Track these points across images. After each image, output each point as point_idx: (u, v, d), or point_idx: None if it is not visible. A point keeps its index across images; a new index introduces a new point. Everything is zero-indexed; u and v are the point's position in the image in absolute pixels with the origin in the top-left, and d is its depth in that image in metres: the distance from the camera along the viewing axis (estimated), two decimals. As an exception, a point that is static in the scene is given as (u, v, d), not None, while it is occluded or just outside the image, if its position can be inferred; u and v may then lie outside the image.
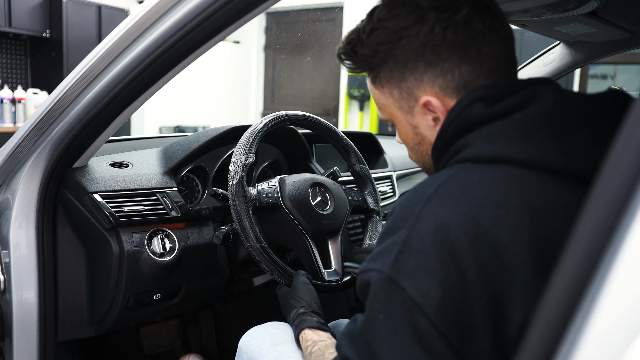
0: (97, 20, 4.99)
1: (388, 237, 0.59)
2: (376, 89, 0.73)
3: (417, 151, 0.76)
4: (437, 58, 0.65)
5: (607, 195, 0.35)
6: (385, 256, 0.58)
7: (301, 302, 0.98)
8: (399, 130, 0.76)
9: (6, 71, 4.78)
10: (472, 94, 0.65)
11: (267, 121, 1.17)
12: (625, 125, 0.35)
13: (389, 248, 0.58)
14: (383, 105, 0.74)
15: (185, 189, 1.32)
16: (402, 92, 0.70)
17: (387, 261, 0.57)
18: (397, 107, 0.72)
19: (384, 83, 0.71)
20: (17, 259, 1.05)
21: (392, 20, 0.67)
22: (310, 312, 0.96)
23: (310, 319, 0.94)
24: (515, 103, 0.62)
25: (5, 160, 1.10)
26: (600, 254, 0.34)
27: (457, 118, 0.65)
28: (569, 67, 1.55)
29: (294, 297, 1.00)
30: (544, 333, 0.36)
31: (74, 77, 0.96)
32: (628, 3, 1.17)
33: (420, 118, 0.71)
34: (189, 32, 0.79)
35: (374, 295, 0.58)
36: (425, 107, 0.69)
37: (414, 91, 0.69)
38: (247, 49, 6.39)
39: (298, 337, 0.93)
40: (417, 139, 0.73)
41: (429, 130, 0.71)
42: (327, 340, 0.89)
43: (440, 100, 0.67)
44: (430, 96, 0.67)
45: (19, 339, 1.05)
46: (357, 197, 1.30)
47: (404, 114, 0.72)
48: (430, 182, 0.61)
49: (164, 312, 1.24)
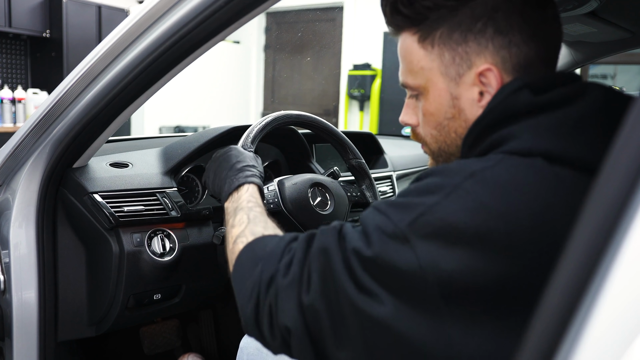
0: (97, 20, 4.99)
1: (416, 196, 0.55)
2: (422, 48, 0.64)
3: (443, 127, 0.66)
4: (509, 27, 0.59)
5: (607, 195, 0.35)
6: (405, 212, 0.53)
7: (238, 164, 0.87)
8: (428, 101, 0.66)
9: (6, 71, 4.78)
10: (520, 80, 0.59)
11: (266, 121, 1.17)
12: (626, 125, 0.35)
13: (413, 205, 0.53)
14: (422, 68, 0.65)
15: (185, 189, 1.32)
16: (455, 57, 0.62)
17: (406, 217, 0.53)
18: (440, 73, 0.63)
19: (436, 43, 0.62)
20: (17, 259, 1.05)
21: None
22: (249, 171, 0.85)
23: (256, 180, 0.84)
24: (564, 95, 0.57)
25: (5, 160, 1.10)
26: (600, 254, 0.34)
27: (501, 104, 0.59)
28: (569, 67, 1.55)
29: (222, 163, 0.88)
30: (544, 333, 0.36)
31: (74, 77, 0.96)
32: (628, 3, 1.17)
33: (465, 89, 0.63)
34: (189, 32, 0.79)
35: (381, 240, 0.53)
36: (479, 78, 0.61)
37: (471, 57, 0.61)
38: (247, 49, 6.39)
39: (231, 191, 0.82)
40: (452, 112, 0.64)
41: (470, 105, 0.63)
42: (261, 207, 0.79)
43: (499, 74, 0.61)
44: (491, 64, 0.61)
45: (19, 339, 1.05)
46: (356, 192, 1.30)
47: (448, 81, 0.63)
48: (475, 161, 0.56)
49: (164, 312, 1.24)
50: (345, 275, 0.54)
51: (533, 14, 0.60)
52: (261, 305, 0.62)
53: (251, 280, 0.64)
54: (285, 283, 0.59)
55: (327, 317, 0.56)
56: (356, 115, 5.67)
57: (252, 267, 0.65)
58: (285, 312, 0.58)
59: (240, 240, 0.72)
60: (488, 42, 0.60)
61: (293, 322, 0.58)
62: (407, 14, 0.64)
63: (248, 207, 0.78)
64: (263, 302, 0.61)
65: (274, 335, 0.61)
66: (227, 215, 0.81)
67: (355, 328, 0.54)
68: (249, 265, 0.66)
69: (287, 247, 0.64)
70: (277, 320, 0.60)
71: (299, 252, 0.61)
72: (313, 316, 0.57)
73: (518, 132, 0.56)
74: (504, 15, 0.59)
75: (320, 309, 0.56)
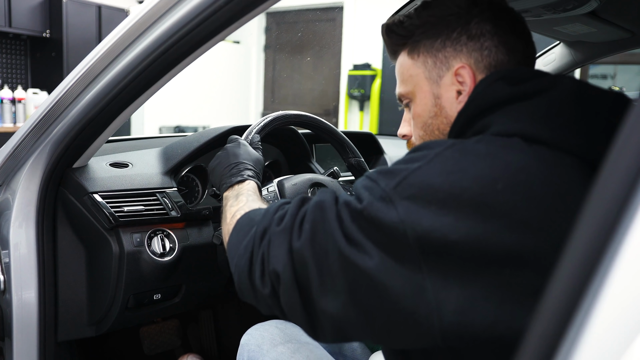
0: (97, 20, 4.99)
1: (403, 164, 0.60)
2: (409, 58, 0.76)
3: (428, 126, 0.75)
4: (480, 34, 0.70)
5: (608, 195, 0.35)
6: (391, 177, 0.58)
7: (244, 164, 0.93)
8: (416, 104, 0.76)
9: (6, 71, 4.79)
10: (496, 73, 0.68)
11: (266, 121, 1.17)
12: (625, 125, 0.35)
13: (398, 171, 0.59)
14: (410, 76, 0.76)
15: (185, 189, 1.32)
16: (436, 61, 0.73)
17: (391, 182, 0.58)
18: (424, 77, 0.74)
19: (421, 52, 0.74)
20: (17, 259, 1.05)
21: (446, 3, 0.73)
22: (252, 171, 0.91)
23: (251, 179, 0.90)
24: (538, 85, 0.64)
25: (5, 160, 1.10)
26: (601, 254, 0.34)
27: (480, 95, 0.67)
28: (569, 67, 1.55)
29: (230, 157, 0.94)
30: (544, 333, 0.36)
31: (74, 77, 0.96)
32: (628, 3, 1.17)
33: (445, 89, 0.73)
34: (189, 32, 0.79)
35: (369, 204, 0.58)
36: (456, 77, 0.71)
37: (449, 60, 0.72)
38: (247, 49, 6.39)
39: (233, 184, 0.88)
40: (434, 110, 0.74)
41: (449, 103, 0.73)
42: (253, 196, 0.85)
43: (472, 72, 0.71)
44: (465, 64, 0.71)
45: (19, 339, 1.05)
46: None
47: (430, 83, 0.74)
48: (454, 139, 0.63)
49: (164, 312, 1.24)
50: (337, 226, 0.59)
51: (501, 26, 0.71)
52: (254, 256, 0.66)
53: (246, 239, 0.69)
54: (278, 230, 0.64)
55: (315, 264, 0.59)
56: (356, 115, 5.67)
57: (248, 230, 0.71)
58: (276, 257, 0.62)
59: (239, 213, 0.79)
60: (462, 46, 0.71)
61: (282, 267, 0.61)
62: (399, 33, 0.76)
63: (248, 194, 0.85)
64: (257, 252, 0.66)
65: (264, 284, 0.64)
66: (226, 200, 0.87)
67: (341, 277, 0.57)
68: (245, 230, 0.72)
69: (281, 207, 0.69)
70: (268, 267, 0.63)
71: (292, 207, 0.66)
72: (301, 262, 0.60)
73: (497, 118, 0.63)
74: (477, 25, 0.71)
75: (309, 255, 0.60)
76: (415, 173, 0.57)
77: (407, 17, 0.75)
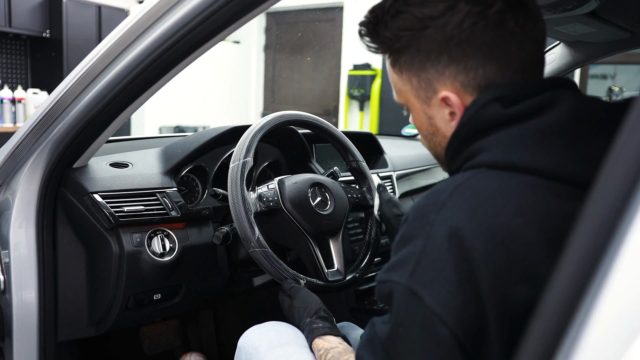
0: (97, 20, 4.99)
1: (404, 246, 0.59)
2: (394, 72, 0.70)
3: (430, 140, 0.73)
4: (462, 54, 0.63)
5: (608, 195, 0.35)
6: (403, 267, 0.57)
7: (307, 311, 0.97)
8: (413, 117, 0.74)
9: (6, 71, 4.78)
10: (488, 94, 0.62)
11: (266, 122, 1.17)
12: (625, 125, 0.35)
13: (406, 258, 0.58)
14: (400, 90, 0.72)
15: (185, 189, 1.32)
16: (420, 82, 0.67)
17: (405, 273, 0.57)
18: (414, 95, 0.70)
19: (403, 69, 0.68)
20: (17, 259, 1.05)
21: (419, 6, 0.63)
22: (317, 318, 0.95)
23: (318, 326, 0.93)
24: (533, 107, 0.60)
25: (5, 160, 1.10)
26: (601, 254, 0.34)
27: (472, 119, 0.63)
28: (569, 67, 1.55)
29: (298, 308, 0.99)
30: (544, 333, 0.36)
31: (74, 77, 0.96)
32: (628, 3, 1.17)
33: (436, 110, 0.68)
34: (189, 32, 0.79)
35: (396, 308, 0.58)
36: (444, 102, 0.66)
37: (433, 83, 0.66)
38: (247, 49, 6.39)
39: (311, 346, 0.92)
40: (432, 129, 0.71)
41: (444, 124, 0.69)
42: (339, 346, 0.87)
43: (460, 97, 0.65)
44: (449, 92, 0.65)
45: (19, 339, 1.05)
46: (356, 194, 1.30)
47: (421, 103, 0.69)
48: (444, 187, 0.60)
49: (164, 312, 1.24)
50: None
51: (486, 36, 0.62)
52: None
53: None
54: None
55: None
56: (356, 115, 5.67)
57: None
58: None
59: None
60: (444, 69, 0.64)
61: None
62: (374, 43, 0.70)
63: None
64: None
65: None
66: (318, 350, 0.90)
67: None
68: None
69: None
70: None
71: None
72: None
73: (488, 145, 0.60)
74: (456, 44, 0.62)
75: None
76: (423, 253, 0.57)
77: (383, 24, 0.67)
